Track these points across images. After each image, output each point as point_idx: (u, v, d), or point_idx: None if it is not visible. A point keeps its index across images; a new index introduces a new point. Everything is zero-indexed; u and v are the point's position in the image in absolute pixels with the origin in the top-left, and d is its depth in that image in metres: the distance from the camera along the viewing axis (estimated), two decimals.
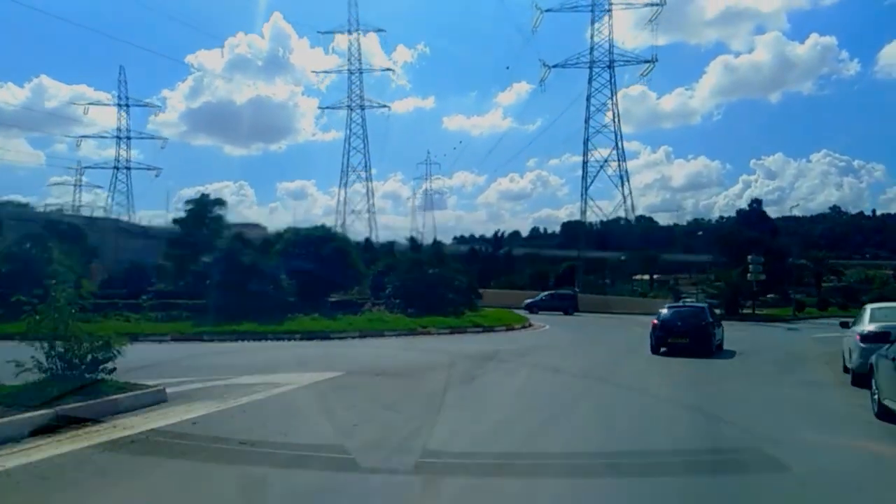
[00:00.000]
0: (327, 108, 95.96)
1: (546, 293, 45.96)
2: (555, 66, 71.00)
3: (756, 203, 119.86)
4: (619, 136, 70.24)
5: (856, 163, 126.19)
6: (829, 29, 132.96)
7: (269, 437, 6.47)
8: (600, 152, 72.14)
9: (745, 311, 43.38)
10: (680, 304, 23.23)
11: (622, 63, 70.96)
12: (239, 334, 19.73)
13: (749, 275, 41.57)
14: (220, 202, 33.66)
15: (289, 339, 19.64)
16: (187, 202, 43.72)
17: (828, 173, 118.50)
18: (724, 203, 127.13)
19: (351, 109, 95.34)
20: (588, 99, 70.45)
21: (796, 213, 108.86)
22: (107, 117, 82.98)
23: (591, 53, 70.19)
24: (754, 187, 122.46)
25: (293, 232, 28.96)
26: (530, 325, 29.04)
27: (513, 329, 26.74)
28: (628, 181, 71.20)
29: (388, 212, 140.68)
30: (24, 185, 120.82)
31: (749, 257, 42.83)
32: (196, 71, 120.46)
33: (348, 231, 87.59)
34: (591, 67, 70.29)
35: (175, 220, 37.87)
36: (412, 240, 76.44)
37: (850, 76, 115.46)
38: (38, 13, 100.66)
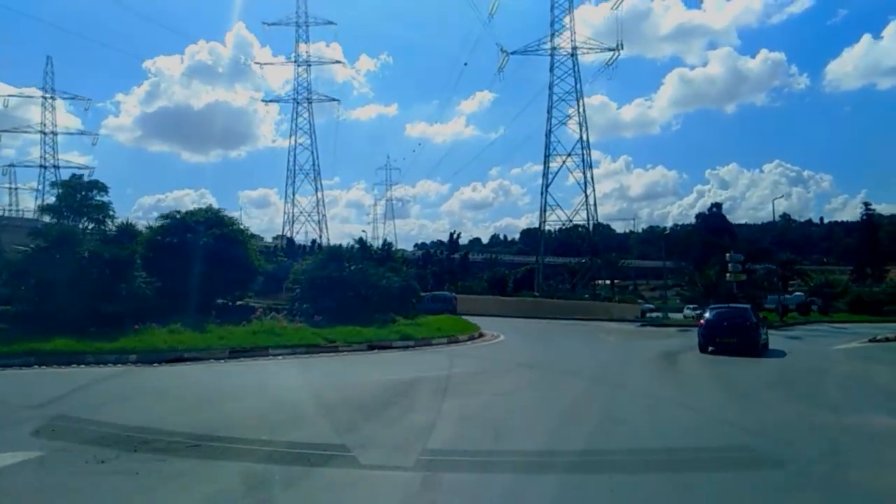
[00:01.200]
0: (271, 101, 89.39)
1: (428, 294, 40.79)
2: (513, 53, 65.87)
3: (716, 207, 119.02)
4: (583, 127, 65.20)
5: (805, 173, 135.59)
6: (779, 45, 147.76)
7: None
8: (563, 159, 67.27)
9: None
10: (724, 306, 20.41)
11: (585, 51, 66.14)
12: (37, 356, 13.10)
13: (728, 275, 36.65)
14: (99, 186, 26.50)
15: (114, 364, 13.11)
16: (52, 184, 36.42)
17: (778, 183, 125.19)
18: (677, 212, 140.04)
19: (297, 103, 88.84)
20: (550, 87, 65.25)
21: (745, 220, 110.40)
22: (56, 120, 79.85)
23: (551, 39, 65.18)
24: (708, 196, 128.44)
25: (171, 217, 22.07)
26: (480, 336, 23.05)
27: (457, 342, 20.65)
28: (592, 182, 66.48)
29: (351, 221, 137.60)
30: None
31: (728, 255, 38.03)
32: (153, 76, 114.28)
33: (296, 235, 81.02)
34: (552, 55, 65.25)
35: (43, 208, 30.80)
36: (360, 241, 70.08)
37: (800, 89, 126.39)
38: None
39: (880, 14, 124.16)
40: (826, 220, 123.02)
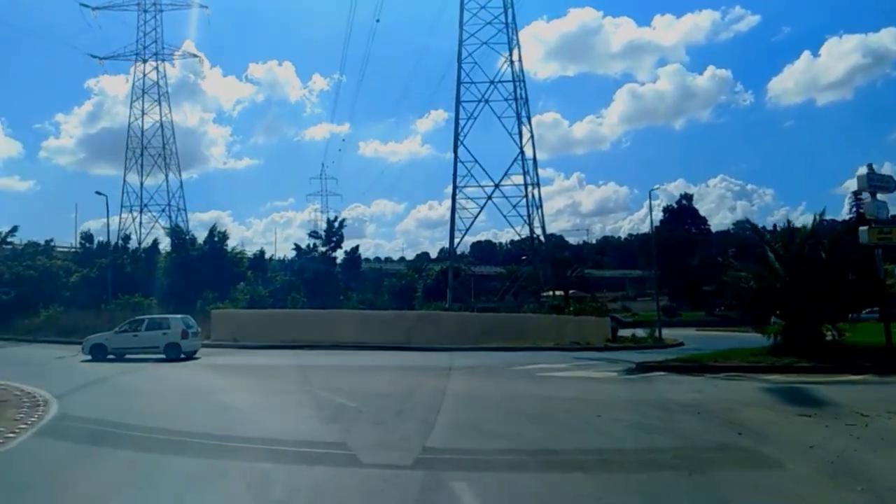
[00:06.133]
0: (105, 58, 66.29)
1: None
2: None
3: (686, 199, 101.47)
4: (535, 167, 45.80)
5: (749, 186, 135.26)
6: (725, 62, 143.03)
7: None
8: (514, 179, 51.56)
9: None
10: None
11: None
12: None
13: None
14: None
15: None
16: None
17: (724, 197, 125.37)
18: (629, 227, 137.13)
19: (143, 60, 66.63)
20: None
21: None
22: None
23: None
24: (657, 211, 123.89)
25: None
26: None
27: None
28: (541, 209, 49.86)
29: (305, 241, 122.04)
30: None
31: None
32: (96, 96, 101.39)
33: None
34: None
35: None
36: (177, 228, 47.77)
37: (745, 105, 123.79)
38: None
39: (819, 32, 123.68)
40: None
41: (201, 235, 44.60)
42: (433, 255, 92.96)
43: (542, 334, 25.64)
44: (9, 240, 38.20)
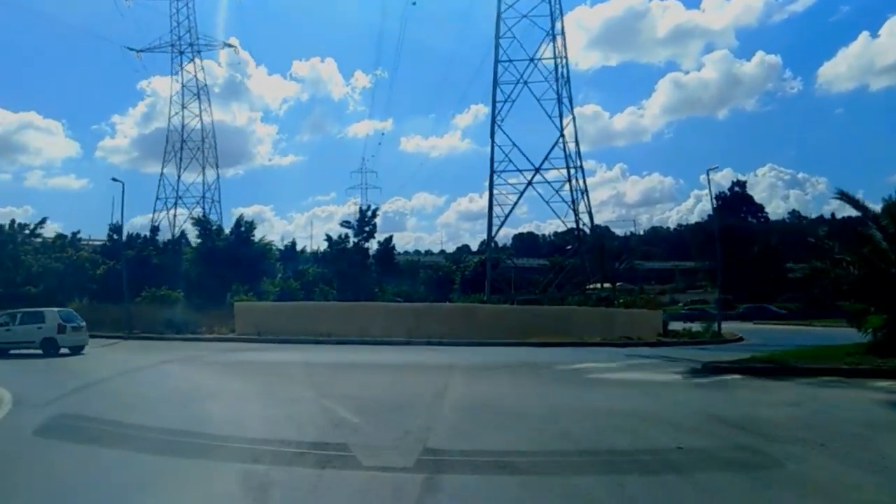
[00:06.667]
0: (141, 50, 65.98)
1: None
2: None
3: (739, 186, 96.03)
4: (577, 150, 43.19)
5: (800, 175, 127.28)
6: (776, 46, 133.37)
7: None
8: (559, 171, 48.18)
9: None
10: None
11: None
12: None
13: None
14: None
15: None
16: None
17: (775, 186, 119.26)
18: (677, 217, 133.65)
19: (179, 52, 66.21)
20: None
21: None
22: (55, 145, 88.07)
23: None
24: (705, 202, 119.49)
25: None
26: None
27: None
28: (586, 194, 47.95)
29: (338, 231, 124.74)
30: None
31: None
32: (149, 97, 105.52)
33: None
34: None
35: None
36: (202, 219, 46.29)
37: (792, 94, 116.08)
38: None
39: (881, 11, 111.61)
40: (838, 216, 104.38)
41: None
42: (473, 247, 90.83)
43: (588, 328, 23.00)
44: (38, 231, 37.70)
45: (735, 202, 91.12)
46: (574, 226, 48.96)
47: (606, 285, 48.65)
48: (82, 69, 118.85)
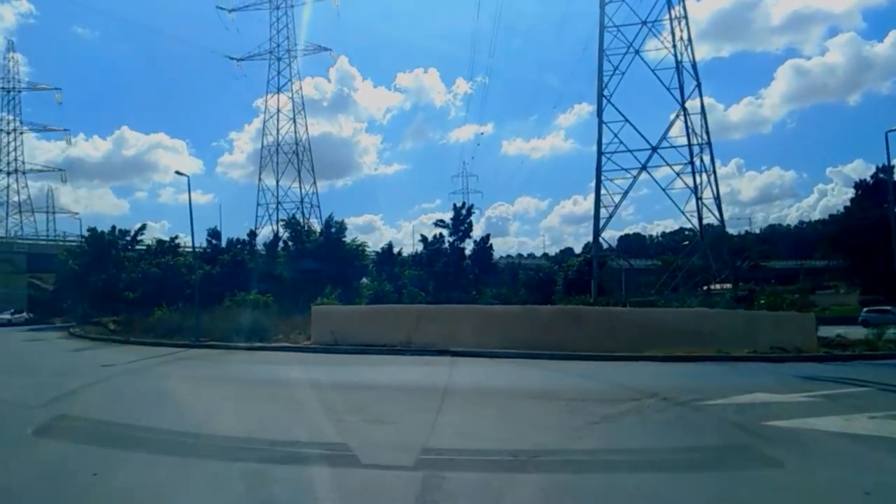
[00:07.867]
0: (241, 59, 67.86)
1: None
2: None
3: (883, 171, 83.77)
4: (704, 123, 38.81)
5: None
6: None
7: None
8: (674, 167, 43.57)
9: None
10: None
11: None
12: None
13: None
14: None
15: None
16: None
17: None
18: (797, 214, 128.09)
19: (277, 58, 67.37)
20: None
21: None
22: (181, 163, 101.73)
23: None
24: (830, 197, 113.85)
25: None
26: None
27: None
28: (714, 177, 42.42)
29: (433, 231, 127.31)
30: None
31: None
32: (263, 113, 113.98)
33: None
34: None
35: None
36: (292, 221, 45.15)
37: None
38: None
39: None
40: None
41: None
42: (577, 250, 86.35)
43: (724, 337, 18.56)
44: (139, 238, 38.51)
45: (878, 191, 79.56)
46: (694, 220, 43.38)
47: (727, 286, 42.63)
48: (198, 86, 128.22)
